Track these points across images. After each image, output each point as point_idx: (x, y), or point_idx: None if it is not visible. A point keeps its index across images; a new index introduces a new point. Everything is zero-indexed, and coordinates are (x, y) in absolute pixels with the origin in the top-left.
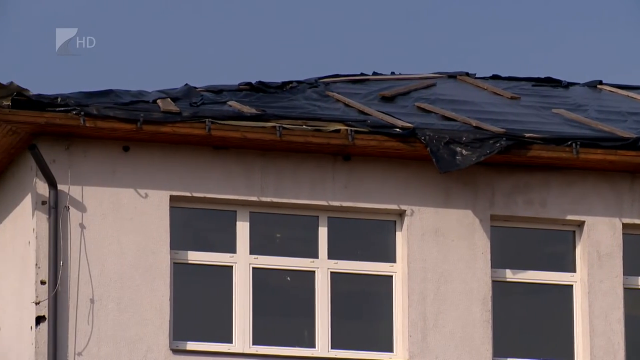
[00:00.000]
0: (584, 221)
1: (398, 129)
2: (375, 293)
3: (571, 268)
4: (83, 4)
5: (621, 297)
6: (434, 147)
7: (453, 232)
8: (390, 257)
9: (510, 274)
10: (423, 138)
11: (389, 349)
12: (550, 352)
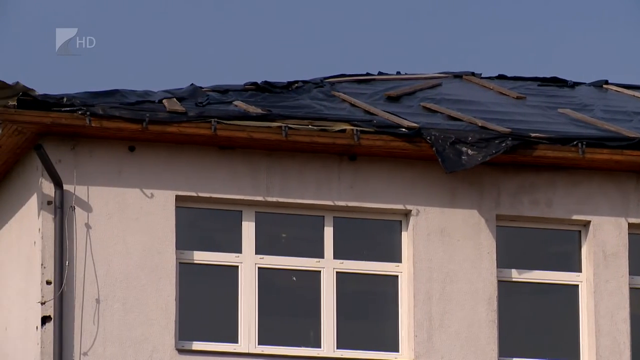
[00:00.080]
0: (590, 221)
1: (404, 129)
2: (381, 293)
3: (577, 268)
4: (83, 4)
5: (627, 297)
6: (440, 147)
7: (459, 232)
8: (396, 257)
9: (516, 274)
10: (429, 138)
11: (394, 348)
12: (556, 351)
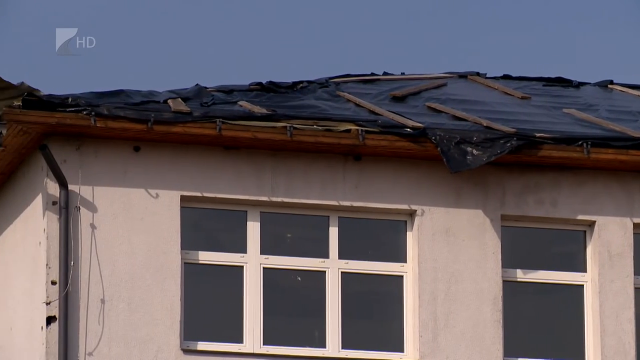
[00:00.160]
0: (595, 221)
1: (409, 129)
2: (386, 293)
3: (582, 268)
4: (83, 4)
5: (632, 297)
6: (445, 147)
7: (464, 232)
8: (400, 257)
9: (521, 274)
10: (434, 138)
11: (399, 349)
12: (561, 352)
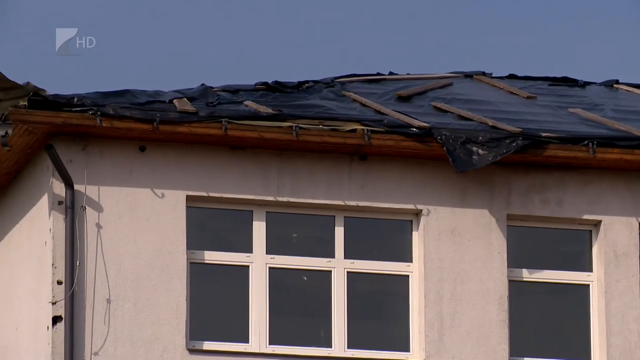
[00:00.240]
0: (601, 220)
1: (414, 129)
2: (392, 293)
3: (588, 267)
4: (83, 4)
5: (638, 297)
6: (451, 146)
7: (469, 231)
8: (406, 257)
9: (526, 274)
10: (439, 138)
11: (405, 348)
12: (567, 351)
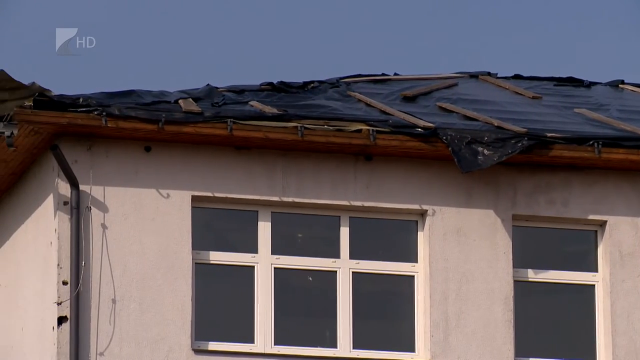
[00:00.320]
0: (606, 221)
1: (420, 129)
2: (397, 293)
3: (593, 268)
4: (83, 4)
5: None
6: (456, 147)
7: (475, 231)
8: (412, 257)
9: (532, 274)
10: (445, 138)
11: (410, 349)
12: (572, 351)
